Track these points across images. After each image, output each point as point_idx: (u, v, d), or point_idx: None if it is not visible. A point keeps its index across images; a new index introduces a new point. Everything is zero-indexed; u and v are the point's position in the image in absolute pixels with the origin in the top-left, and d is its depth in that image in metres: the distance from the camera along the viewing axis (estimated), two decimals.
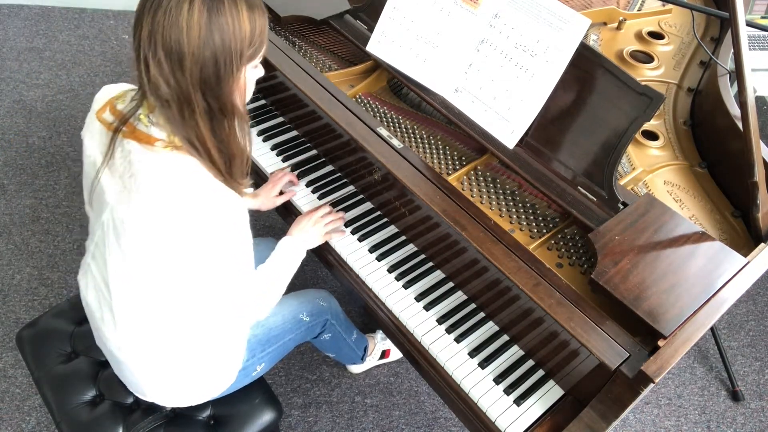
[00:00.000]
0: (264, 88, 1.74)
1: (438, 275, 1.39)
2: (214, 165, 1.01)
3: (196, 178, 1.00)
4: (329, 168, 1.60)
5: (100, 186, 1.06)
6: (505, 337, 1.30)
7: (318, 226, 1.39)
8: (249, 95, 1.06)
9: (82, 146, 1.12)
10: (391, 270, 1.38)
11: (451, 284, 1.37)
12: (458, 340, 1.28)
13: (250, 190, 1.45)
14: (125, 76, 2.93)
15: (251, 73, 1.02)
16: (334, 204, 1.51)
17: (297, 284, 1.52)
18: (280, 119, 1.72)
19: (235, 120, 1.01)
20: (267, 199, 1.50)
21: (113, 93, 1.09)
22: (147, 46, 0.91)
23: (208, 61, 0.91)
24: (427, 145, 1.46)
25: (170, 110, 0.95)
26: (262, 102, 1.76)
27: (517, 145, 1.31)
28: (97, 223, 1.09)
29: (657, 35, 1.79)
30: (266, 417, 1.35)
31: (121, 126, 1.01)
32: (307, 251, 1.39)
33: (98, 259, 1.13)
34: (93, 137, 1.09)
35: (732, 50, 1.36)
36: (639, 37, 1.78)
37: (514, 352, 1.28)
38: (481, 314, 1.33)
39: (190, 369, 1.22)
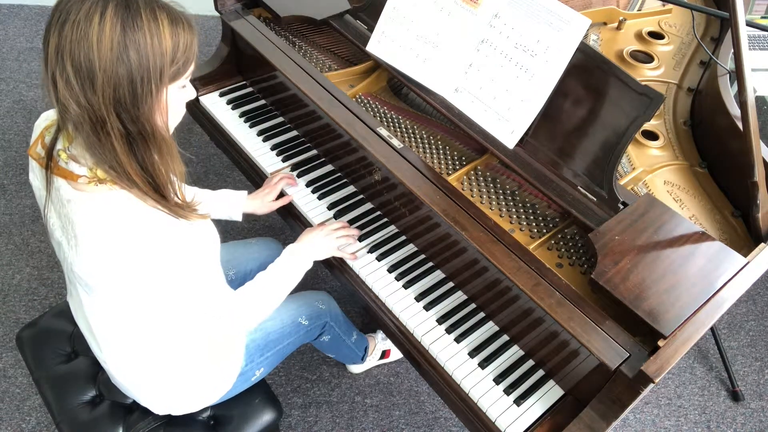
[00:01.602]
0: (264, 88, 1.75)
1: (438, 275, 1.39)
2: (144, 192, 0.92)
3: (130, 217, 0.92)
4: (329, 168, 1.60)
5: (49, 223, 1.02)
6: (505, 337, 1.30)
7: (330, 238, 1.36)
8: (178, 118, 0.97)
9: None
10: (391, 270, 1.38)
11: (451, 284, 1.37)
12: (458, 340, 1.28)
13: (213, 203, 1.42)
14: None
15: (178, 94, 0.93)
16: (333, 204, 1.51)
17: (297, 285, 1.51)
18: (280, 119, 1.72)
19: (155, 145, 0.91)
20: (263, 203, 1.49)
21: (47, 122, 1.00)
22: (54, 62, 0.82)
23: (122, 79, 0.82)
24: (427, 145, 1.46)
25: (85, 134, 0.86)
26: (262, 102, 1.76)
27: (517, 145, 1.31)
28: (60, 256, 1.06)
29: (657, 35, 1.79)
30: (266, 417, 1.35)
31: (48, 162, 0.94)
32: None
33: (74, 284, 1.12)
34: (35, 174, 1.03)
35: (732, 50, 1.36)
36: (639, 37, 1.78)
37: (514, 352, 1.28)
38: (481, 314, 1.33)
39: (184, 379, 1.22)
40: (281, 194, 1.53)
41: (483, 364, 1.24)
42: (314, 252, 1.33)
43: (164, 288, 0.98)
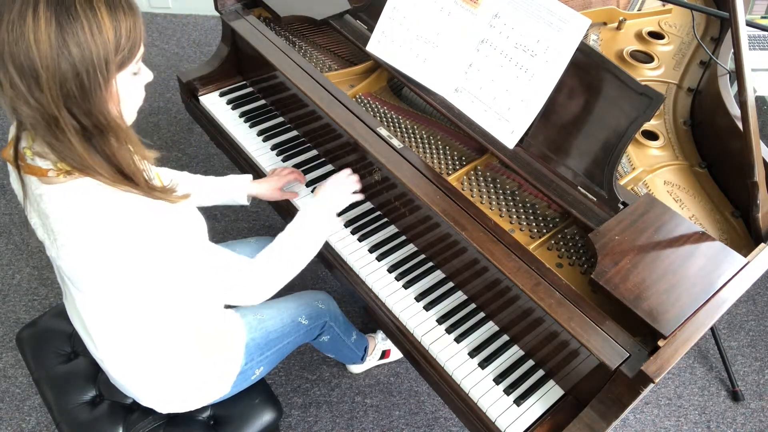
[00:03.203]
0: (264, 88, 1.75)
1: (438, 275, 1.39)
2: (114, 182, 0.91)
3: (103, 203, 0.91)
4: (329, 168, 1.60)
5: (31, 224, 1.01)
6: (505, 337, 1.30)
7: (345, 182, 1.36)
8: (136, 104, 0.95)
9: None
10: (391, 270, 1.38)
11: (451, 284, 1.37)
12: (458, 340, 1.28)
13: (192, 189, 1.38)
14: None
15: (130, 80, 0.90)
16: None
17: (296, 285, 1.50)
18: (280, 119, 1.72)
19: (113, 135, 0.89)
20: (270, 188, 1.49)
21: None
22: None
23: (66, 74, 0.80)
24: (427, 145, 1.46)
25: (42, 133, 0.85)
26: (262, 102, 1.76)
27: (517, 145, 1.31)
28: (48, 255, 1.05)
29: (657, 35, 1.79)
30: (266, 417, 1.35)
31: (17, 162, 0.93)
32: None
33: (67, 284, 1.11)
34: (12, 176, 1.02)
35: (732, 50, 1.36)
36: (639, 37, 1.78)
37: (514, 352, 1.28)
38: (481, 314, 1.33)
39: (183, 377, 1.22)
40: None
41: (483, 364, 1.24)
42: (335, 202, 1.33)
43: (148, 271, 0.96)
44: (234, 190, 1.46)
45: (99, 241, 0.91)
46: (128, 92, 0.90)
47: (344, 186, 1.38)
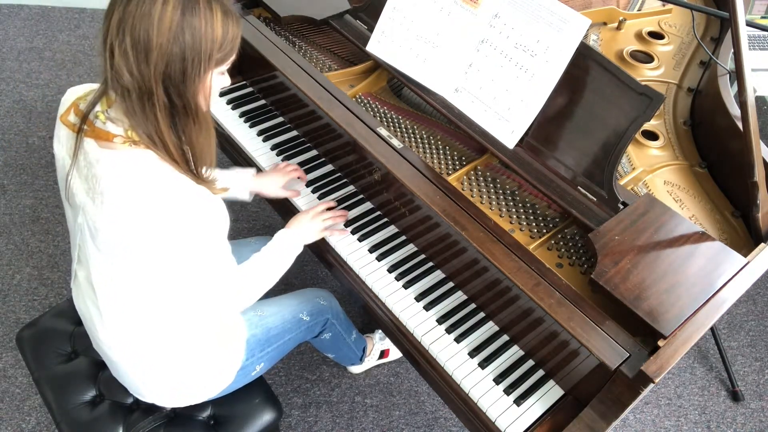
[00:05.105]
0: (264, 88, 1.75)
1: (438, 275, 1.39)
2: (175, 160, 1.00)
3: (158, 174, 0.99)
4: (329, 168, 1.60)
5: (71, 189, 1.06)
6: (505, 337, 1.30)
7: (316, 220, 1.39)
8: (213, 100, 1.05)
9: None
10: (391, 270, 1.38)
11: (451, 284, 1.37)
12: (458, 340, 1.28)
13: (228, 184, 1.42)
14: None
15: (218, 78, 1.02)
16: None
17: (297, 284, 1.51)
18: (280, 119, 1.72)
19: (197, 120, 1.00)
20: (272, 183, 1.49)
21: (79, 93, 1.07)
22: (115, 34, 0.90)
23: (175, 56, 0.91)
24: (427, 145, 1.46)
25: (130, 102, 0.94)
26: (262, 102, 1.76)
27: (517, 145, 1.31)
28: (75, 225, 1.10)
29: (657, 35, 1.79)
30: (266, 417, 1.35)
31: (83, 125, 1.00)
32: (307, 250, 1.39)
33: (83, 262, 1.13)
34: (60, 142, 1.08)
35: (732, 50, 1.36)
36: (639, 37, 1.78)
37: (514, 352, 1.28)
38: (481, 314, 1.33)
39: (186, 368, 1.22)
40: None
41: (483, 364, 1.24)
42: (303, 235, 1.37)
43: (181, 250, 1.01)
44: (235, 184, 1.46)
45: (144, 207, 0.97)
46: (213, 88, 1.02)
47: (317, 223, 1.40)
